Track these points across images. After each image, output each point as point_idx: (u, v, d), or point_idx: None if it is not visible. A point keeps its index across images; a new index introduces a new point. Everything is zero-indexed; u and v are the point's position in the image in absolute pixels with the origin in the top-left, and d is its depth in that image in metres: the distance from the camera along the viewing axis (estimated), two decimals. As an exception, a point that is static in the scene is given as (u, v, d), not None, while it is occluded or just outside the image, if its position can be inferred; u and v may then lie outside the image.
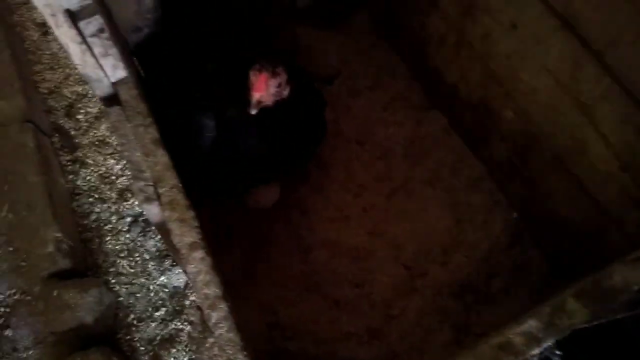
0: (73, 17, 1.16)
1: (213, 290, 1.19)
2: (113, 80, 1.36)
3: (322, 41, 2.29)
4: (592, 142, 1.45)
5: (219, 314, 1.19)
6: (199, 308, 1.93)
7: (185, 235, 1.23)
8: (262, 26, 1.87)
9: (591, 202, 1.56)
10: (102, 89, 1.37)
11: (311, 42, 2.27)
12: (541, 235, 1.90)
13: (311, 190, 2.05)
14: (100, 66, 1.30)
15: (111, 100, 1.39)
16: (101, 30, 1.20)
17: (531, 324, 1.13)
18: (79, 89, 2.35)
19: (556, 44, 1.41)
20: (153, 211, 1.30)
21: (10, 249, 1.83)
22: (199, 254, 1.22)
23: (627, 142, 1.35)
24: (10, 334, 1.73)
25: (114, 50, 1.27)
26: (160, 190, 1.27)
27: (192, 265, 1.21)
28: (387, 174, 2.09)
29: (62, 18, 1.13)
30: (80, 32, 1.19)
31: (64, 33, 1.17)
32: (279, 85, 1.41)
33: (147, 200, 1.29)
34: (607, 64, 1.26)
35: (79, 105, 2.32)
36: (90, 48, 1.23)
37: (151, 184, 1.30)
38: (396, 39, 2.28)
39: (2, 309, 1.76)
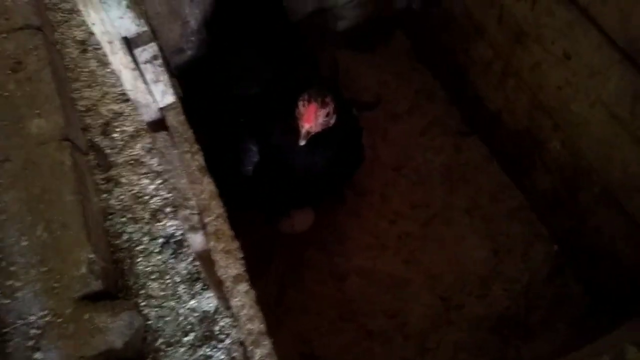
0: (129, 44, 1.15)
1: (257, 325, 1.16)
2: (161, 105, 1.35)
3: (361, 64, 2.27)
4: (649, 180, 1.39)
5: (262, 351, 1.16)
6: (241, 344, 1.88)
7: (230, 267, 1.21)
8: (305, 50, 1.85)
9: (644, 239, 1.50)
10: (150, 114, 1.36)
11: (350, 65, 2.25)
12: (584, 269, 1.83)
13: (346, 216, 2.01)
14: (150, 92, 1.29)
15: (158, 125, 1.38)
16: (155, 57, 1.19)
17: (594, 376, 1.07)
18: (116, 107, 2.34)
19: (614, 77, 1.36)
20: (197, 240, 1.28)
21: (44, 269, 1.80)
22: (243, 287, 1.19)
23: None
24: (40, 357, 1.70)
25: (165, 77, 1.26)
26: (206, 220, 1.25)
27: (237, 299, 1.18)
28: (424, 201, 2.05)
29: (118, 45, 1.12)
30: (134, 59, 1.18)
31: (118, 60, 1.16)
32: (327, 115, 1.38)
33: (192, 229, 1.27)
34: (672, 101, 1.22)
35: (115, 124, 2.31)
36: (142, 74, 1.22)
37: (196, 212, 1.28)
38: (435, 63, 2.25)
39: (34, 331, 1.73)
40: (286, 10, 1.85)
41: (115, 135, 2.32)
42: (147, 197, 2.20)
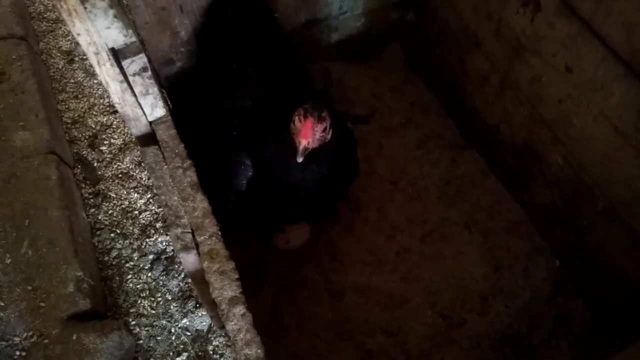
0: (116, 55, 1.10)
1: (255, 350, 1.10)
2: (151, 119, 1.30)
3: (354, 76, 2.23)
4: (653, 195, 1.36)
5: (260, 377, 1.10)
6: None
7: (225, 289, 1.15)
8: (298, 62, 1.81)
9: (648, 256, 1.47)
10: (139, 127, 1.31)
11: (344, 77, 2.21)
12: (586, 284, 1.80)
13: (342, 232, 1.96)
14: (139, 105, 1.24)
15: (147, 139, 1.33)
16: (144, 70, 1.14)
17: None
18: (104, 119, 2.29)
19: (618, 91, 1.34)
20: (190, 260, 1.22)
21: (29, 287, 1.74)
22: (239, 309, 1.14)
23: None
24: (25, 381, 1.63)
25: (154, 90, 1.21)
26: (199, 239, 1.20)
27: (233, 322, 1.12)
28: (422, 216, 2.00)
29: (105, 57, 1.07)
30: (122, 71, 1.13)
31: (105, 71, 1.11)
32: (324, 130, 1.33)
33: (185, 248, 1.21)
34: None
35: (103, 136, 2.25)
36: (131, 87, 1.17)
37: (189, 231, 1.22)
38: (431, 75, 2.22)
39: (18, 353, 1.66)
40: (278, 20, 1.81)
41: (103, 148, 2.27)
42: (136, 212, 2.14)
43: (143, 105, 1.25)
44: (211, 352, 1.87)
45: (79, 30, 1.01)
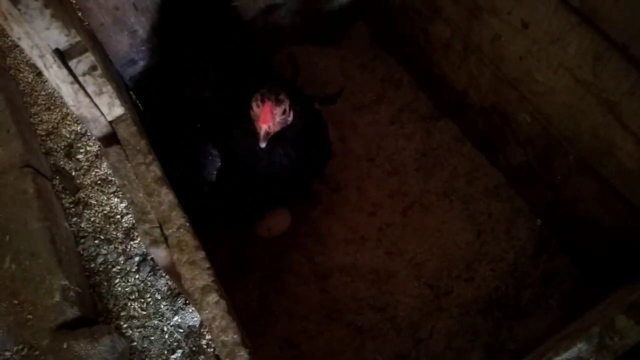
0: (62, 56, 1.10)
1: (231, 336, 1.11)
2: (110, 118, 1.30)
3: (322, 58, 2.22)
4: (620, 141, 1.36)
5: (239, 362, 1.10)
6: (217, 357, 1.83)
7: (197, 278, 1.15)
8: (256, 49, 1.80)
9: (622, 203, 1.47)
10: (99, 128, 1.31)
11: (312, 60, 2.20)
12: (569, 241, 1.80)
13: (323, 214, 1.96)
14: (95, 105, 1.23)
15: (110, 139, 1.33)
16: (93, 68, 1.14)
17: (581, 348, 1.03)
18: (78, 128, 2.29)
19: (574, 41, 1.33)
20: (160, 254, 1.22)
21: (15, 301, 1.75)
22: (212, 297, 1.14)
23: (660, 138, 1.27)
24: (20, 393, 1.64)
25: (108, 88, 1.21)
26: (167, 232, 1.20)
27: (207, 311, 1.13)
28: (401, 189, 2.01)
29: (50, 59, 1.07)
30: (71, 72, 1.12)
31: (54, 74, 1.10)
32: (284, 112, 1.33)
33: (154, 243, 1.21)
34: (633, 56, 1.18)
35: (79, 145, 2.25)
36: (83, 87, 1.17)
37: (157, 225, 1.22)
38: (398, 49, 2.21)
39: (10, 367, 1.67)
40: (236, 9, 1.80)
41: (79, 156, 2.27)
42: (118, 216, 2.14)
43: (99, 105, 1.24)
44: (205, 346, 1.88)
45: (18, 35, 1.00)
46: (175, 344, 1.90)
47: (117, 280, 2.00)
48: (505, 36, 1.57)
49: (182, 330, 1.91)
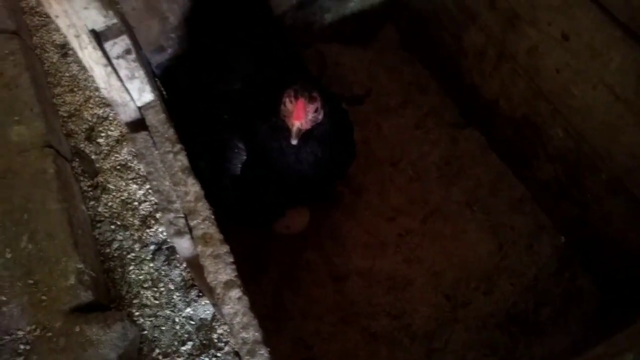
0: (98, 38, 1.08)
1: (252, 334, 1.09)
2: (139, 104, 1.28)
3: (350, 58, 2.19)
4: (658, 162, 1.32)
5: (258, 361, 1.08)
6: (237, 354, 1.81)
7: (220, 272, 1.13)
8: (287, 44, 1.78)
9: (654, 225, 1.43)
10: (128, 113, 1.29)
11: (339, 60, 2.17)
12: (593, 260, 1.76)
13: (343, 215, 1.94)
14: (126, 89, 1.22)
15: (137, 125, 1.31)
16: (128, 52, 1.12)
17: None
18: (100, 111, 2.28)
19: (616, 56, 1.30)
20: (184, 245, 1.21)
21: (30, 281, 1.74)
22: (235, 293, 1.12)
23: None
24: (30, 374, 1.63)
25: (140, 73, 1.19)
26: (192, 223, 1.18)
27: (229, 306, 1.11)
28: (423, 196, 1.97)
29: (86, 39, 1.05)
30: (105, 54, 1.11)
31: (88, 55, 1.09)
32: (316, 110, 1.31)
33: (178, 233, 1.19)
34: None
35: (100, 129, 2.24)
36: (115, 71, 1.15)
37: (182, 215, 1.20)
38: (426, 54, 2.18)
39: (22, 347, 1.66)
40: (268, 2, 1.78)
41: (100, 140, 2.26)
42: (136, 203, 2.13)
43: (130, 90, 1.23)
44: (216, 340, 1.86)
45: (56, 12, 0.99)
46: (186, 335, 1.88)
47: (131, 267, 1.99)
48: (543, 47, 1.53)
49: (193, 323, 1.89)
